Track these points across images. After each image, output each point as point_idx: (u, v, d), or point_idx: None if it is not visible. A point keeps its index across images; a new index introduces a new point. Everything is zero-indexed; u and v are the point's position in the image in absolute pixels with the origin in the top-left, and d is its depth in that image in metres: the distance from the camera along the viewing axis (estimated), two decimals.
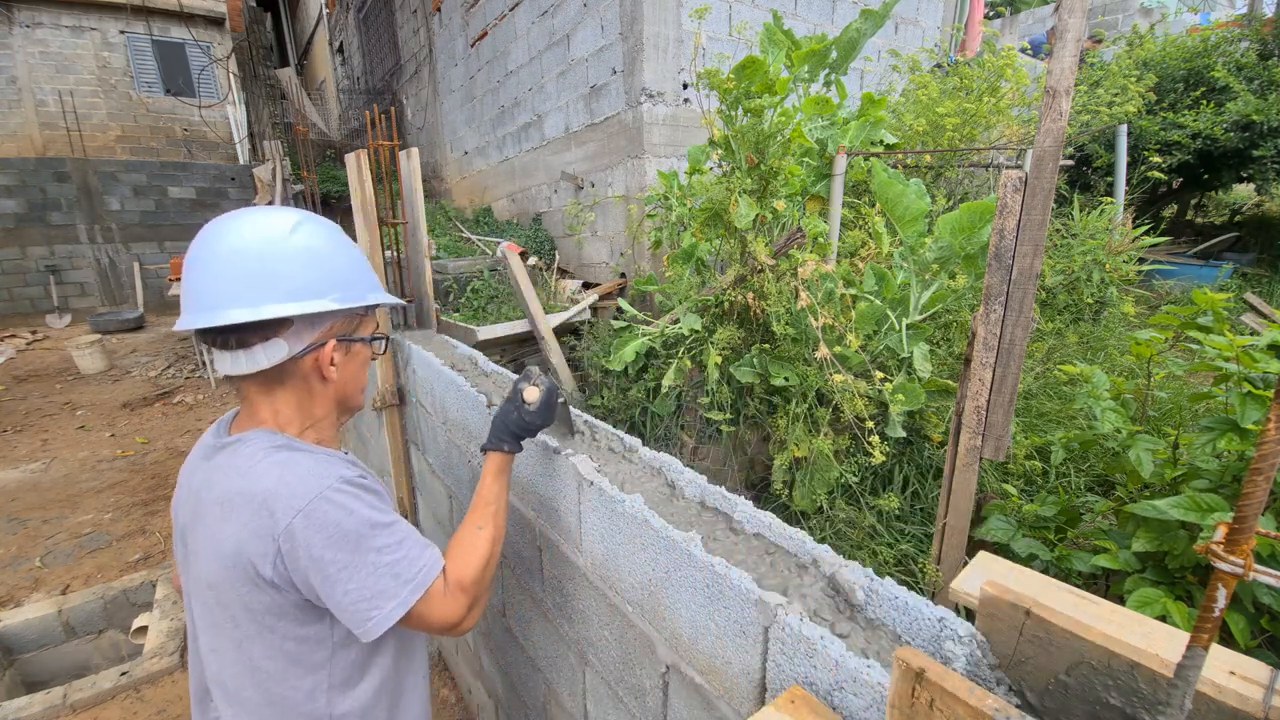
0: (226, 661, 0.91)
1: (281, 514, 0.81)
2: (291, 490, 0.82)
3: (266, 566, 0.82)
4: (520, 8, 4.93)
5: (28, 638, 2.73)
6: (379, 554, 0.84)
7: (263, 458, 0.86)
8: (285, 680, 0.90)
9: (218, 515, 0.85)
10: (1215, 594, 0.42)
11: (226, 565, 0.84)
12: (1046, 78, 1.17)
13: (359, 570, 0.83)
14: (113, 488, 4.22)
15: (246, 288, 0.84)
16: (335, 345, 0.93)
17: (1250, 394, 1.27)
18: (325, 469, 0.86)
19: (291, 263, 0.87)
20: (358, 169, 1.99)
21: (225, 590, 0.85)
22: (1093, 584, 1.50)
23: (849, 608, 0.72)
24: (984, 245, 2.18)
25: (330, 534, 0.82)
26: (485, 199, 6.39)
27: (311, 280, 0.89)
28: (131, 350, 8.08)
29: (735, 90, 2.29)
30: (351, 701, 0.94)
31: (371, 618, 0.83)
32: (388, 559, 0.85)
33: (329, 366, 0.94)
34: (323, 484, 0.84)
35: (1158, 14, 7.74)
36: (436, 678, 2.48)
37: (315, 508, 0.82)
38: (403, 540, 0.88)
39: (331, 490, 0.84)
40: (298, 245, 0.88)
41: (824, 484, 2.10)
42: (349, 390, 1.01)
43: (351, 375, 1.00)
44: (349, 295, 0.93)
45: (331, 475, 0.85)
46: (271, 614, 0.86)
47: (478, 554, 0.96)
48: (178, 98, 11.68)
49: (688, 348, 2.50)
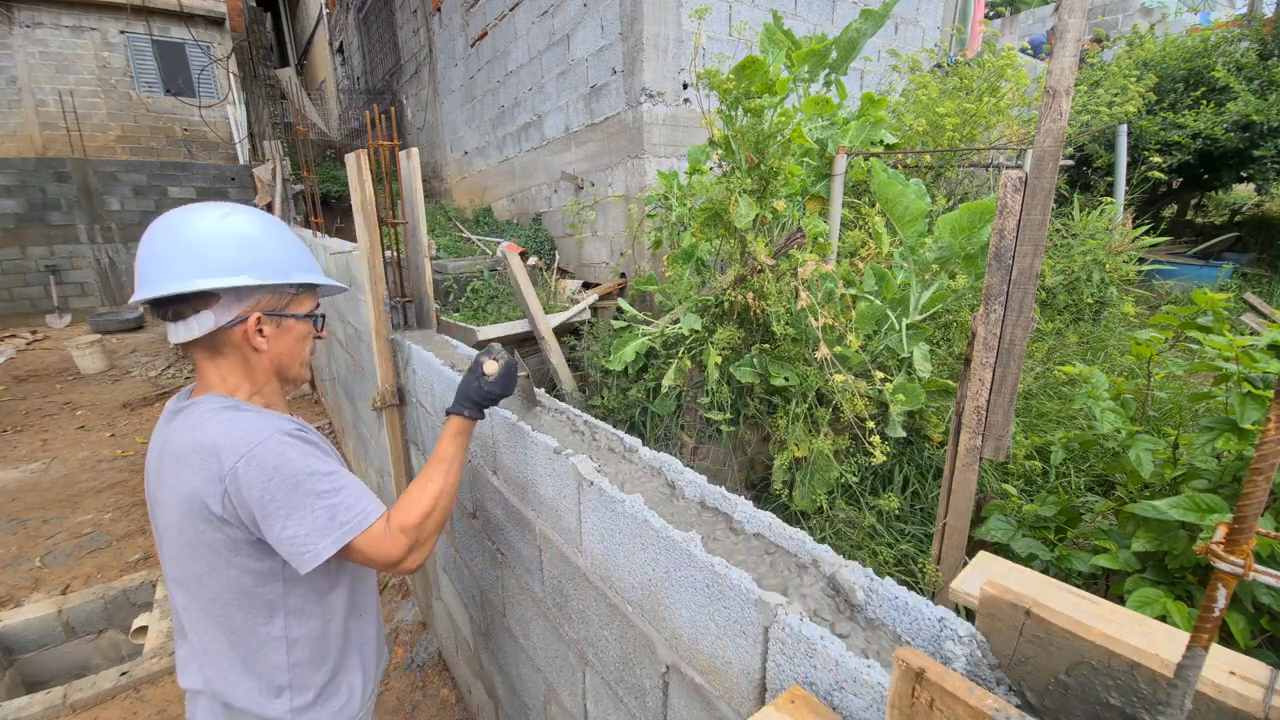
0: (190, 595, 1.03)
1: (227, 459, 0.93)
2: (235, 440, 0.94)
3: (216, 505, 0.94)
4: (520, 8, 4.93)
5: (28, 638, 2.73)
6: (316, 497, 0.96)
7: (213, 416, 0.99)
8: (241, 609, 1.02)
9: (176, 466, 0.97)
10: (1215, 594, 0.42)
11: (185, 508, 0.96)
12: (1046, 78, 1.17)
13: (296, 510, 0.94)
14: (113, 488, 4.22)
15: (180, 266, 0.97)
16: (262, 319, 1.04)
17: (1250, 394, 1.27)
18: (267, 423, 0.99)
19: (217, 244, 0.99)
20: (358, 169, 1.99)
21: (187, 530, 0.97)
22: (1093, 584, 1.50)
23: (849, 608, 0.72)
24: (984, 245, 2.18)
25: (269, 476, 0.93)
26: (485, 199, 6.39)
27: (233, 259, 1.00)
28: (131, 350, 8.09)
29: (735, 90, 2.29)
30: (305, 628, 1.07)
31: (307, 552, 0.95)
32: (325, 502, 0.96)
33: (257, 338, 1.05)
34: (263, 434, 0.96)
35: (1158, 14, 7.74)
36: (436, 678, 2.48)
37: (255, 453, 0.93)
38: (341, 488, 0.99)
39: (271, 440, 0.96)
40: (225, 229, 1.01)
41: (824, 484, 2.10)
42: (284, 362, 1.12)
43: (286, 348, 1.11)
44: (269, 274, 1.03)
45: (271, 428, 0.98)
46: (228, 549, 0.98)
47: (422, 503, 1.08)
48: (178, 98, 11.68)
49: (688, 348, 2.50)
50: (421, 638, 2.70)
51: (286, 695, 1.07)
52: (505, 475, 1.42)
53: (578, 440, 1.22)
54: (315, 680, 1.10)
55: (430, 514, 1.08)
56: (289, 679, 1.07)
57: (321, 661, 1.11)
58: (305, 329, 1.13)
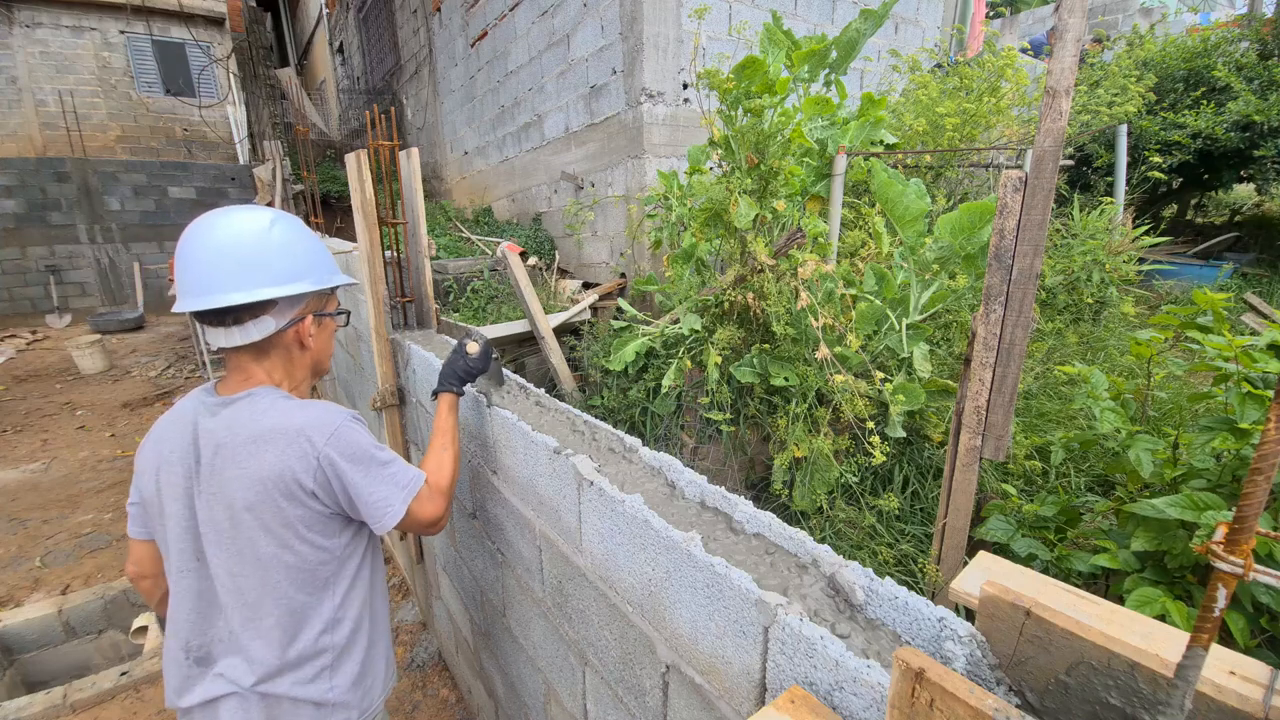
0: (251, 578, 1.07)
1: (318, 439, 1.05)
2: (321, 422, 1.06)
3: (309, 479, 1.04)
4: (520, 8, 4.93)
5: (28, 638, 2.73)
6: (382, 467, 1.11)
7: (284, 403, 1.09)
8: (304, 589, 1.10)
9: (252, 450, 1.03)
10: (1215, 594, 0.42)
11: (268, 486, 1.03)
12: (1046, 78, 1.17)
13: (374, 478, 1.09)
14: (113, 488, 4.22)
15: (241, 275, 1.04)
16: (312, 319, 1.16)
17: (1249, 394, 1.27)
18: (333, 409, 1.11)
19: (275, 253, 1.07)
20: (358, 169, 1.99)
21: (264, 509, 1.04)
22: (1093, 584, 1.50)
23: (849, 608, 0.72)
24: (984, 245, 2.18)
25: (352, 452, 1.07)
26: (485, 199, 6.39)
27: (290, 267, 1.09)
28: (131, 350, 8.09)
29: (735, 90, 2.29)
30: (349, 609, 1.16)
31: (386, 513, 1.10)
32: (388, 471, 1.12)
33: (308, 337, 1.16)
34: (340, 418, 1.09)
35: (1158, 14, 7.73)
36: (437, 677, 2.48)
37: (339, 434, 1.07)
38: (394, 459, 1.15)
39: (346, 423, 1.10)
40: (277, 239, 1.08)
41: (824, 484, 2.10)
42: (320, 356, 1.24)
43: (324, 344, 1.23)
44: (320, 278, 1.15)
45: (343, 413, 1.11)
46: (304, 524, 1.07)
47: (447, 467, 1.27)
48: (178, 98, 11.68)
49: (688, 348, 2.50)
50: (421, 638, 2.70)
51: (327, 676, 1.13)
52: (505, 475, 1.42)
53: (578, 440, 1.22)
54: (351, 663, 1.17)
55: (455, 474, 1.28)
56: (332, 660, 1.14)
57: (355, 645, 1.18)
58: (334, 325, 1.26)
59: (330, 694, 1.13)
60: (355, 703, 1.17)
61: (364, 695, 1.19)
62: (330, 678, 1.13)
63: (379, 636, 1.25)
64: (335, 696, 1.14)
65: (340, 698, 1.14)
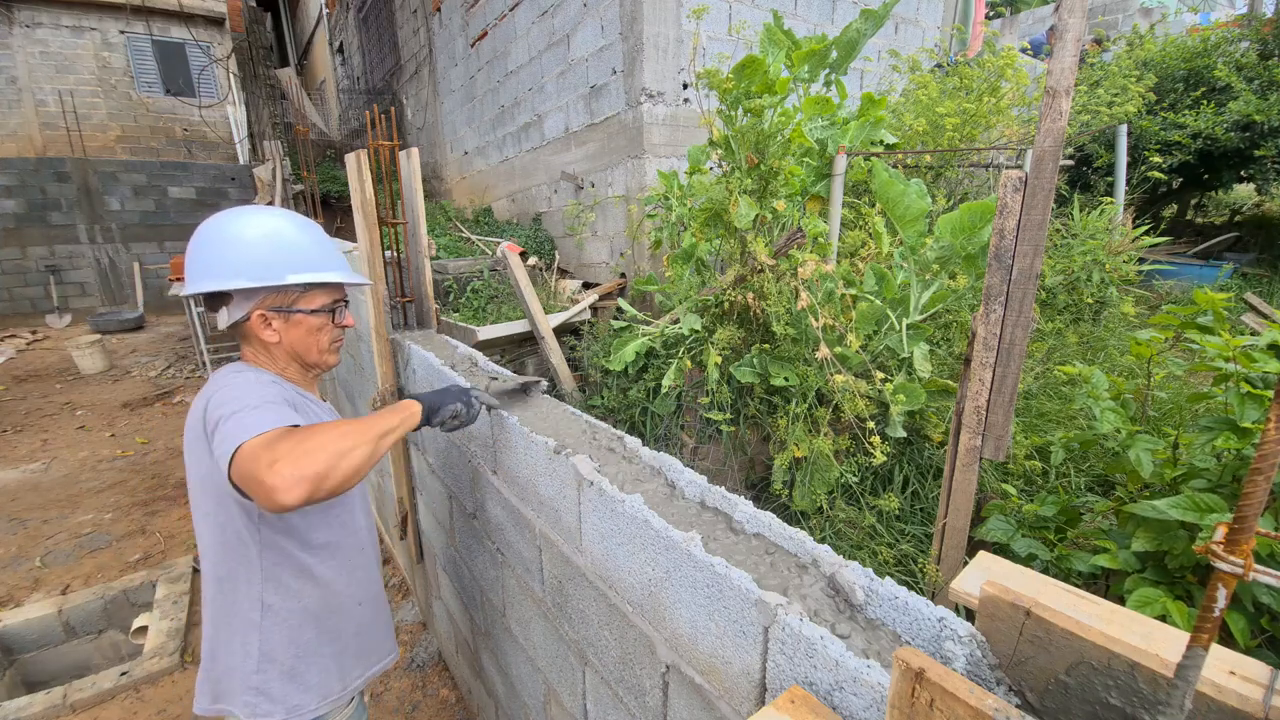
0: (203, 538, 1.17)
1: (210, 388, 1.08)
2: (217, 383, 1.09)
3: (203, 427, 1.04)
4: (520, 8, 4.93)
5: (28, 638, 2.73)
6: (252, 410, 0.99)
7: (230, 371, 1.15)
8: (231, 556, 1.14)
9: (193, 409, 1.11)
10: (1215, 594, 0.42)
11: (193, 436, 1.09)
12: (1046, 78, 1.17)
13: (230, 418, 0.99)
14: (113, 488, 4.22)
15: (195, 269, 1.13)
16: (266, 314, 1.17)
17: (1249, 394, 1.27)
18: (255, 373, 1.13)
19: (222, 250, 1.13)
20: (358, 169, 1.99)
21: (199, 469, 1.11)
22: (1093, 584, 1.50)
23: (849, 608, 0.72)
24: (984, 245, 2.18)
25: (225, 391, 1.05)
26: (485, 199, 6.39)
27: (232, 264, 1.12)
28: (131, 350, 8.08)
29: (735, 90, 2.29)
30: (279, 598, 1.16)
31: (222, 446, 0.96)
32: (250, 415, 0.99)
33: (265, 330, 1.17)
34: (242, 376, 1.09)
35: (1158, 14, 7.73)
36: (436, 677, 2.48)
37: (228, 381, 1.08)
38: (263, 405, 1.01)
39: (243, 375, 1.10)
40: (228, 236, 1.13)
41: (824, 484, 2.10)
42: (299, 349, 1.22)
43: (297, 339, 1.21)
44: (260, 277, 1.13)
45: (254, 375, 1.11)
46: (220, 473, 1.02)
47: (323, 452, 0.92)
48: (178, 98, 11.67)
49: (688, 348, 2.50)
50: (421, 638, 2.70)
51: (254, 663, 1.16)
52: (505, 475, 1.42)
53: (577, 439, 1.21)
54: (281, 659, 1.18)
55: (326, 470, 0.92)
56: (259, 647, 1.16)
57: (289, 645, 1.18)
58: (318, 322, 1.22)
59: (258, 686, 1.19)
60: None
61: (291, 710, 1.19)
62: (260, 668, 1.18)
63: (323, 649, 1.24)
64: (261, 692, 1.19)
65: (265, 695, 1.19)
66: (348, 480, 0.94)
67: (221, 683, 1.18)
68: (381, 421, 1.07)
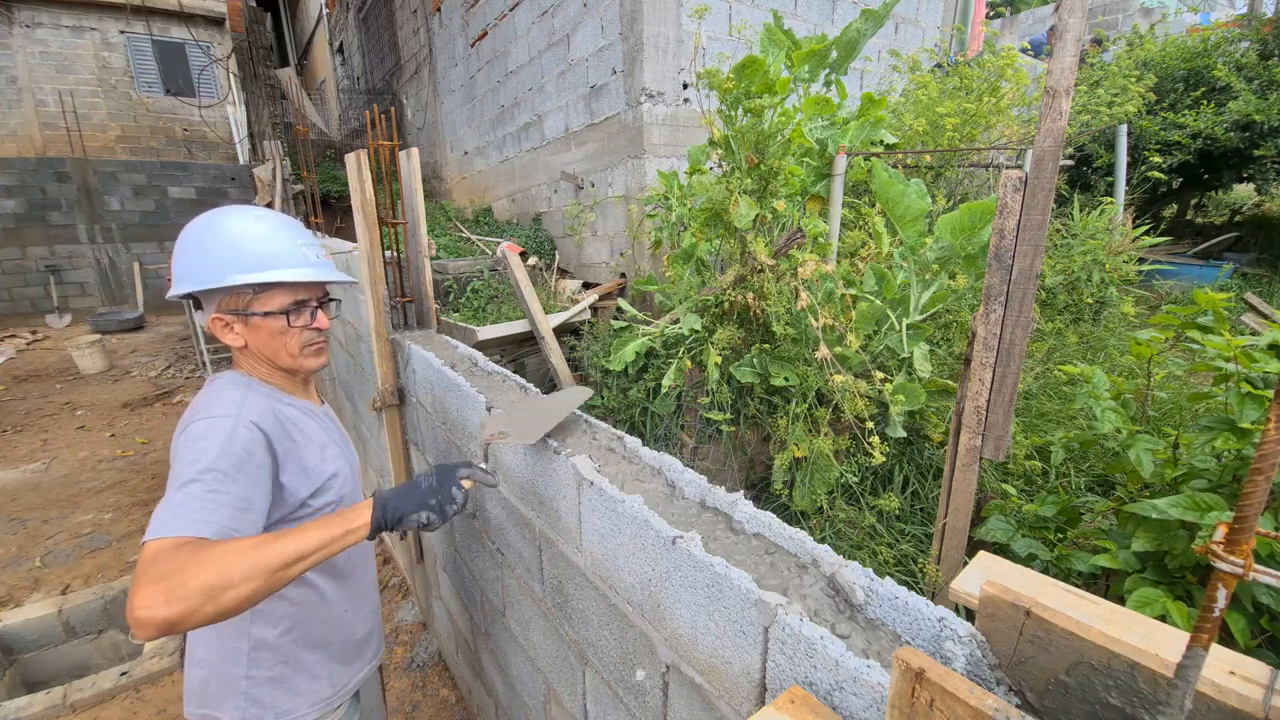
0: None
1: (188, 418, 1.04)
2: (202, 407, 1.05)
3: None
4: (520, 8, 4.93)
5: (28, 638, 2.73)
6: (178, 488, 0.91)
7: (214, 384, 1.13)
8: None
9: (176, 432, 1.07)
10: (1215, 594, 0.42)
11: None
12: (1046, 78, 1.17)
13: (172, 482, 0.93)
14: (113, 488, 4.22)
15: (174, 272, 1.14)
16: (224, 317, 1.13)
17: (1249, 394, 1.27)
18: (242, 406, 1.05)
19: (182, 253, 1.12)
20: (358, 169, 1.99)
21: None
22: (1093, 584, 1.50)
23: (849, 608, 0.72)
24: (984, 245, 2.18)
25: (185, 444, 0.98)
26: (485, 199, 6.39)
27: (180, 270, 1.12)
28: (131, 350, 8.08)
29: (735, 90, 2.29)
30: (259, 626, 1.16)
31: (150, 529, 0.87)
32: (177, 495, 0.90)
33: (228, 334, 1.14)
34: (224, 411, 1.03)
35: (1158, 14, 7.73)
36: (436, 677, 2.48)
37: (199, 423, 1.01)
38: (195, 481, 0.91)
39: (223, 420, 1.01)
40: (190, 238, 1.13)
41: (824, 484, 2.10)
42: (266, 353, 1.17)
43: (262, 342, 1.16)
44: (200, 280, 1.10)
45: (239, 411, 1.04)
46: None
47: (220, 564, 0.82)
48: (178, 98, 11.68)
49: (688, 348, 2.50)
50: (421, 638, 2.70)
51: (243, 668, 1.15)
52: (505, 475, 1.42)
53: (578, 439, 1.21)
54: (270, 665, 1.17)
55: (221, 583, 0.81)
56: (248, 653, 1.16)
57: (278, 650, 1.18)
58: (278, 324, 1.15)
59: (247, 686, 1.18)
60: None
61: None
62: (248, 668, 1.18)
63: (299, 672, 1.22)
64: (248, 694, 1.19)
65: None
66: (216, 618, 0.82)
67: (210, 687, 1.17)
68: (301, 541, 0.90)
